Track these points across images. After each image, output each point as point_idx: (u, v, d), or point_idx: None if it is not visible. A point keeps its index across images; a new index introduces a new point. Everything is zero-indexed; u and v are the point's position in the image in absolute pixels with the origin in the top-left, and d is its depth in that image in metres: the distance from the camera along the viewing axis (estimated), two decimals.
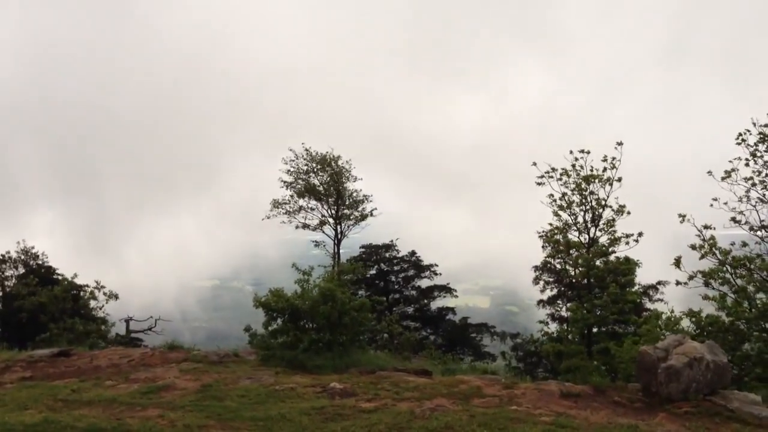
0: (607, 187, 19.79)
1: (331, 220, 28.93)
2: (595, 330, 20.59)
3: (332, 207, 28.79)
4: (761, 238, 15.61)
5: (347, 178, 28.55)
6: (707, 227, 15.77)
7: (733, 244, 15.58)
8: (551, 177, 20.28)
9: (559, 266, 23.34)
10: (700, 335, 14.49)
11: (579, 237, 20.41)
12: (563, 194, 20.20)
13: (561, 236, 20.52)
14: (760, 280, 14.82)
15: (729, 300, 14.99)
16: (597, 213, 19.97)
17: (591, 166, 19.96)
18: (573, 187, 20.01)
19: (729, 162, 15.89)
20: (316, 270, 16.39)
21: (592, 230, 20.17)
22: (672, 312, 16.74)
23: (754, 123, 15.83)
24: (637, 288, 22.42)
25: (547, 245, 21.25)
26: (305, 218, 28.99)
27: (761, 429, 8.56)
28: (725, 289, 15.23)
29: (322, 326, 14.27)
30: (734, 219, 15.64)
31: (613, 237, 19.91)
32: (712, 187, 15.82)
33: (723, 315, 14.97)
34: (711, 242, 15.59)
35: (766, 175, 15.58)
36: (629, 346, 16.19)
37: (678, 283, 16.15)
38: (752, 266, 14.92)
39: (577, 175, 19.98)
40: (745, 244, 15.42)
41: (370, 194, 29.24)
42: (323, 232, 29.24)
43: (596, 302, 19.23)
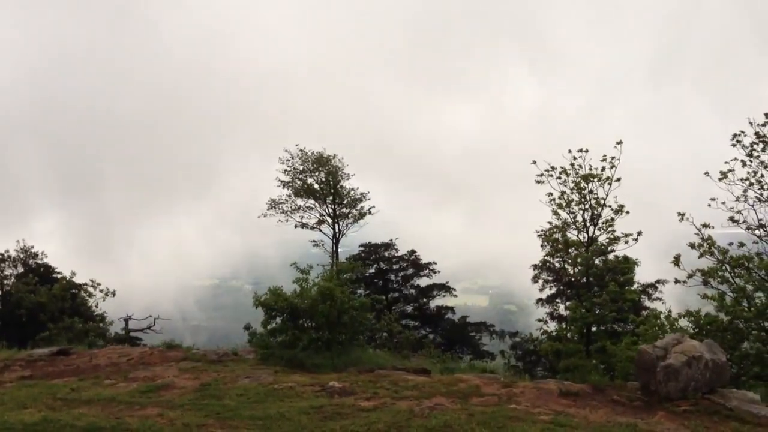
0: (606, 186, 19.79)
1: (329, 219, 28.96)
2: (594, 329, 20.60)
3: (330, 206, 28.82)
4: (759, 237, 15.63)
5: (342, 177, 28.61)
6: (706, 226, 15.78)
7: (731, 244, 15.59)
8: (550, 176, 20.30)
9: (558, 265, 23.36)
10: (699, 334, 14.49)
11: (578, 236, 20.42)
12: (562, 193, 20.21)
13: (560, 235, 20.53)
14: (759, 279, 14.83)
15: (728, 299, 15.01)
16: (596, 212, 19.98)
17: (590, 165, 19.99)
18: (572, 186, 20.02)
19: (725, 163, 15.91)
20: (316, 269, 16.40)
21: (591, 229, 20.17)
22: (670, 311, 16.77)
23: (751, 123, 15.84)
24: (636, 287, 22.44)
25: (546, 244, 21.27)
26: (303, 217, 29.05)
27: (760, 428, 8.57)
28: (724, 288, 15.25)
29: (321, 325, 14.27)
30: (732, 218, 15.66)
31: (612, 236, 19.92)
32: (710, 188, 15.87)
33: (722, 314, 14.99)
34: (710, 241, 15.60)
35: (763, 175, 15.60)
36: (626, 345, 16.21)
37: (677, 282, 16.17)
38: (751, 265, 14.94)
39: (576, 174, 19.99)
40: (743, 244, 15.44)
41: (367, 191, 29.28)
42: (322, 231, 29.30)
43: (595, 301, 19.24)
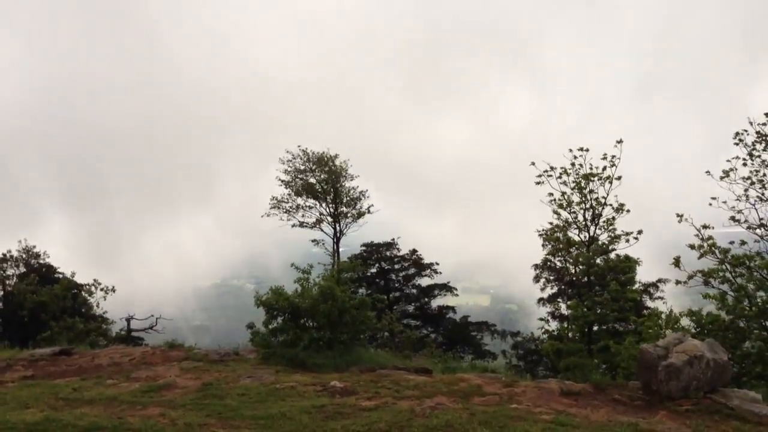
0: (607, 185, 19.79)
1: (330, 219, 28.97)
2: (596, 328, 20.60)
3: (330, 205, 28.82)
4: (760, 237, 15.62)
5: (344, 178, 28.60)
6: (706, 227, 15.77)
7: (732, 243, 15.58)
8: (550, 176, 20.30)
9: (559, 264, 23.36)
10: (701, 333, 14.49)
11: (579, 235, 20.42)
12: (563, 193, 20.21)
13: (561, 234, 20.54)
14: (760, 279, 14.82)
15: (729, 298, 15.00)
16: (597, 211, 19.98)
17: (590, 165, 19.98)
18: (573, 186, 20.02)
19: (727, 161, 15.90)
20: (317, 268, 16.41)
21: (592, 228, 20.18)
22: (671, 310, 16.76)
23: (751, 122, 15.83)
24: (638, 286, 22.44)
25: (547, 243, 21.27)
26: (303, 216, 29.06)
27: (761, 427, 8.57)
28: (725, 288, 15.24)
29: (323, 325, 14.29)
30: (733, 218, 15.65)
31: (613, 235, 19.92)
32: (705, 188, 15.89)
33: (723, 313, 14.98)
34: (710, 242, 15.60)
35: (764, 174, 15.58)
36: (629, 344, 16.20)
37: (678, 282, 16.16)
38: (752, 264, 14.92)
39: (577, 174, 19.99)
40: (744, 243, 15.43)
41: (366, 189, 29.27)
42: (322, 231, 29.31)
43: (596, 300, 19.24)
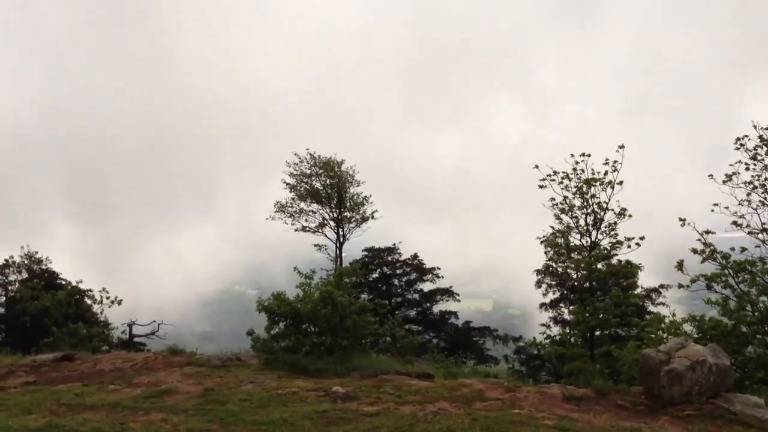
0: (609, 190, 19.79)
1: (333, 223, 28.98)
2: (598, 333, 20.57)
3: (334, 210, 28.84)
4: (762, 241, 15.60)
5: (350, 183, 28.61)
6: (708, 232, 15.78)
7: (733, 249, 15.58)
8: (552, 180, 20.30)
9: (561, 269, 23.34)
10: (703, 339, 14.47)
11: (581, 240, 20.41)
12: (564, 198, 20.21)
13: (563, 239, 20.53)
14: (762, 284, 14.80)
15: (731, 304, 14.98)
16: (598, 216, 19.97)
17: (592, 169, 19.98)
18: (574, 191, 20.02)
19: (730, 165, 15.91)
20: (319, 273, 16.41)
21: (594, 233, 20.16)
22: (674, 315, 16.73)
23: (755, 126, 15.83)
24: (640, 291, 22.42)
25: (549, 249, 21.26)
26: (306, 221, 29.08)
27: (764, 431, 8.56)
28: (727, 293, 15.22)
29: (324, 330, 14.29)
30: (735, 222, 15.64)
31: (615, 240, 19.90)
32: (714, 192, 15.90)
33: (725, 319, 14.95)
34: (712, 247, 15.59)
35: (766, 179, 15.57)
36: (632, 349, 16.16)
37: (680, 286, 16.15)
38: (754, 270, 14.91)
39: (579, 179, 19.99)
40: (745, 249, 15.42)
41: (369, 195, 29.28)
42: (325, 236, 29.32)
43: (598, 305, 19.22)
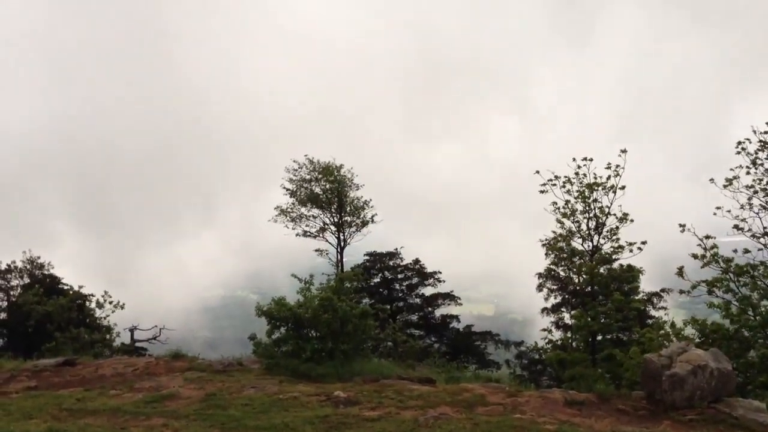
0: (611, 195, 19.79)
1: (333, 228, 28.99)
2: (600, 337, 20.55)
3: (334, 215, 28.85)
4: (764, 245, 15.58)
5: (350, 187, 28.64)
6: (709, 237, 15.77)
7: (735, 252, 15.57)
8: (554, 185, 20.31)
9: (563, 274, 23.33)
10: (705, 343, 14.45)
11: (582, 244, 20.41)
12: (566, 202, 20.22)
13: (564, 244, 20.52)
14: (764, 288, 14.79)
15: (733, 308, 14.96)
16: (600, 220, 19.97)
17: (594, 174, 19.99)
18: (576, 195, 20.03)
19: (731, 170, 15.91)
20: (320, 278, 16.39)
21: (596, 238, 20.15)
22: (673, 322, 16.72)
23: (755, 131, 15.83)
24: (641, 295, 22.39)
25: (551, 253, 21.26)
26: (307, 225, 29.09)
27: None
28: (729, 297, 15.21)
29: (325, 335, 14.28)
30: (737, 226, 15.63)
31: (617, 244, 19.89)
32: (715, 197, 15.92)
33: (727, 323, 14.94)
34: (713, 251, 15.58)
35: None
36: (635, 353, 16.14)
37: (681, 292, 16.15)
38: (756, 274, 14.90)
39: (581, 183, 20.00)
40: (747, 251, 15.41)
41: (370, 199, 29.29)
42: (326, 240, 29.31)
43: (600, 310, 19.20)
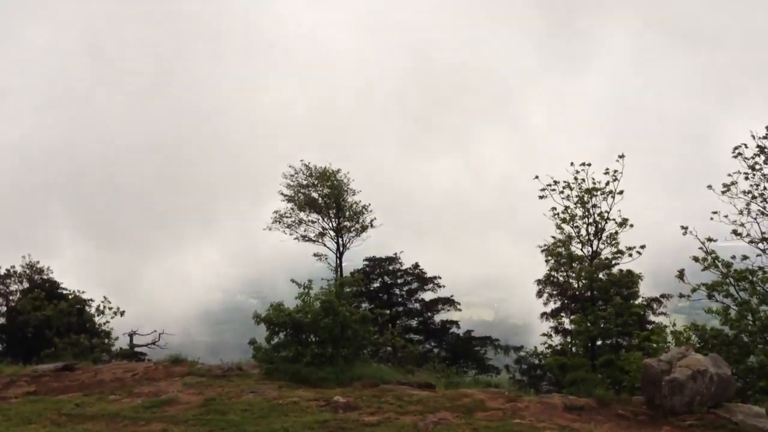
0: (610, 200, 19.82)
1: (332, 233, 29.00)
2: (599, 343, 20.54)
3: (333, 219, 28.87)
4: (762, 251, 15.60)
5: (347, 192, 28.66)
6: (710, 240, 15.80)
7: (734, 257, 15.59)
8: (553, 190, 20.33)
9: (563, 279, 23.32)
10: (704, 348, 14.45)
11: (582, 249, 20.42)
12: (566, 207, 20.23)
13: (564, 249, 20.53)
14: (763, 293, 14.80)
15: (732, 313, 14.97)
16: (600, 225, 19.99)
17: (593, 179, 20.02)
18: (575, 200, 20.05)
19: (729, 175, 15.93)
20: (319, 283, 16.39)
21: (595, 243, 20.16)
22: (674, 325, 16.73)
23: (753, 136, 15.87)
24: (641, 300, 22.39)
25: (550, 258, 21.27)
26: (306, 231, 29.10)
27: None
28: (728, 302, 15.22)
29: (325, 340, 14.27)
30: (735, 232, 15.64)
31: (616, 249, 19.90)
32: (714, 203, 15.97)
33: (726, 328, 14.94)
34: (713, 255, 15.60)
35: (765, 188, 15.59)
36: (638, 357, 16.12)
37: (681, 296, 16.15)
38: (754, 279, 14.91)
39: (579, 188, 20.02)
40: (746, 257, 15.44)
41: (369, 203, 29.30)
42: (325, 245, 29.31)
43: (599, 314, 19.20)
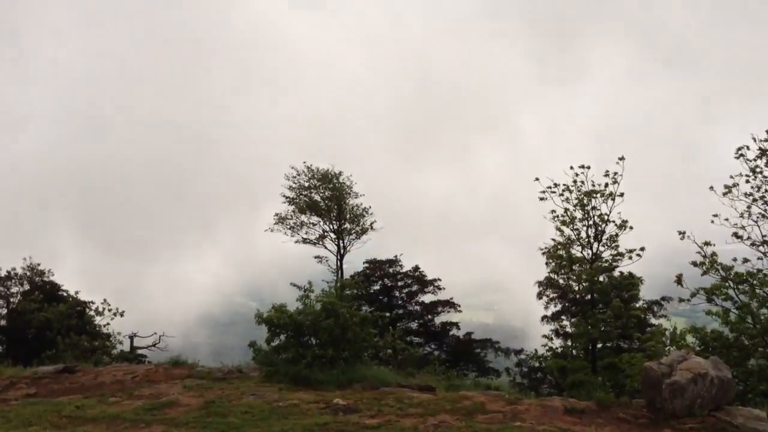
0: (610, 202, 19.83)
1: (333, 235, 29.01)
2: (600, 345, 20.53)
3: (334, 222, 28.88)
4: (764, 254, 15.59)
5: (349, 195, 28.67)
6: (708, 244, 15.79)
7: (735, 260, 15.59)
8: (553, 192, 20.35)
9: (563, 282, 23.33)
10: (705, 351, 14.45)
11: (582, 252, 20.42)
12: (566, 210, 20.25)
13: (564, 251, 20.54)
14: (763, 296, 14.79)
15: (732, 316, 14.96)
16: (600, 228, 20.00)
17: (592, 182, 20.04)
18: (575, 203, 20.06)
19: (730, 177, 15.93)
20: (320, 285, 16.39)
21: (595, 245, 20.17)
22: (675, 328, 16.72)
23: (754, 138, 15.88)
24: (641, 303, 22.39)
25: (551, 261, 21.27)
26: (306, 233, 29.13)
27: None
28: (728, 305, 15.21)
29: (325, 342, 14.27)
30: (736, 234, 15.64)
31: (617, 252, 19.90)
32: (715, 206, 15.99)
33: (726, 331, 14.94)
34: (713, 258, 15.59)
35: (767, 191, 15.59)
36: (640, 359, 16.12)
37: (681, 300, 16.15)
38: (755, 282, 14.90)
39: (579, 191, 20.03)
40: (747, 260, 15.43)
41: (369, 206, 29.32)
42: (325, 247, 29.33)
43: (600, 317, 19.19)
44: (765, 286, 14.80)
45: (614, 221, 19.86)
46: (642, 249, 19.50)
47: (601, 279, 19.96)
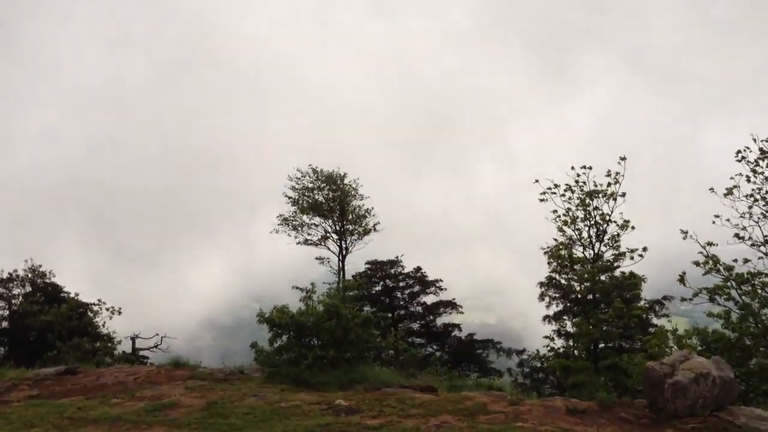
0: (611, 202, 19.79)
1: (335, 236, 29.00)
2: (602, 345, 20.50)
3: (336, 223, 28.87)
4: (765, 254, 15.57)
5: (354, 197, 28.66)
6: (710, 244, 15.78)
7: (736, 261, 15.58)
8: (554, 193, 20.31)
9: (564, 282, 23.29)
10: (707, 351, 14.43)
11: (584, 252, 20.38)
12: (567, 210, 20.21)
13: (565, 251, 20.51)
14: (765, 296, 14.78)
15: (734, 316, 14.95)
16: (601, 228, 19.97)
17: (594, 182, 20.01)
18: (577, 203, 20.03)
19: (731, 178, 15.92)
20: (322, 288, 16.38)
21: (597, 245, 20.14)
22: (676, 329, 16.69)
23: (755, 139, 15.87)
24: (643, 303, 22.36)
25: (552, 261, 21.23)
26: (308, 234, 29.11)
27: None
28: (730, 305, 15.20)
29: (327, 343, 14.27)
30: (737, 235, 15.63)
31: (618, 252, 19.86)
32: (715, 205, 15.97)
33: (728, 331, 14.92)
34: (714, 259, 15.58)
35: (767, 192, 15.58)
36: (642, 359, 16.10)
37: (683, 299, 16.14)
38: (756, 282, 14.89)
39: (581, 191, 20.01)
40: (747, 260, 15.42)
41: (372, 207, 29.31)
42: (327, 248, 29.31)
43: (601, 317, 19.16)
44: (766, 287, 14.79)
45: (616, 221, 19.84)
46: (644, 249, 19.46)
47: (603, 278, 19.92)
